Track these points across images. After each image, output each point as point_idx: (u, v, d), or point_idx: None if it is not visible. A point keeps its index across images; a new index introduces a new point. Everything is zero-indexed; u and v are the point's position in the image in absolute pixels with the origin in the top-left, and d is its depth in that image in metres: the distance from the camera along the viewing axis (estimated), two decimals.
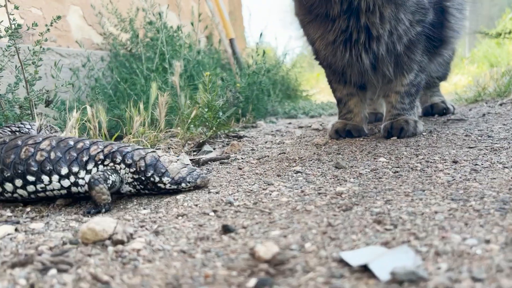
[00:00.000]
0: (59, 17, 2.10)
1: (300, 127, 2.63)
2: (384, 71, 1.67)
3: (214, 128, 2.17)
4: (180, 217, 0.94)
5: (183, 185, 1.12)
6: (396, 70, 1.68)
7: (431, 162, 1.17)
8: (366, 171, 1.18)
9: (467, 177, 0.98)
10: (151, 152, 1.15)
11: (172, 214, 0.96)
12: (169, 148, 1.82)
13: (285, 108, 4.21)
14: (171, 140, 1.91)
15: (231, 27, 4.99)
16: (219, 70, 3.38)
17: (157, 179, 1.10)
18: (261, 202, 0.98)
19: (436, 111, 2.28)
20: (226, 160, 1.59)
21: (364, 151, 1.50)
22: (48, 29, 2.33)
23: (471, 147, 1.32)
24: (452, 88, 4.44)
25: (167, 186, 1.11)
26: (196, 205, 1.01)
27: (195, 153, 1.79)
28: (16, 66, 1.90)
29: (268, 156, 1.59)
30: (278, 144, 1.90)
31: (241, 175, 1.32)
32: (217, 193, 1.11)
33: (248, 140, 2.10)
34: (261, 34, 3.48)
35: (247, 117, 2.87)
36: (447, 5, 1.70)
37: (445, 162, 1.15)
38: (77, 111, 1.56)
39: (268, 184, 1.14)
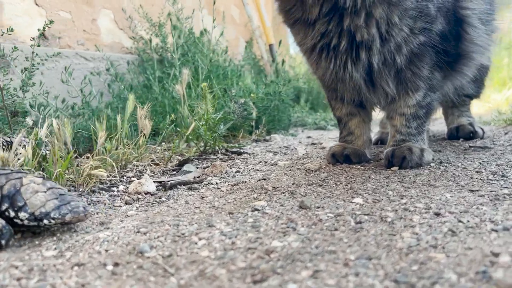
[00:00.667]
0: (51, 22, 2.04)
1: (313, 144, 2.42)
2: (383, 87, 1.44)
3: (209, 143, 2.02)
4: (76, 268, 0.78)
5: (46, 221, 0.92)
6: (399, 87, 1.44)
7: (409, 211, 0.94)
8: (328, 216, 0.97)
9: (435, 243, 0.75)
10: (16, 179, 0.96)
11: (73, 261, 0.81)
12: (149, 165, 1.69)
13: (316, 118, 3.98)
14: (154, 156, 1.77)
15: (271, 33, 4.83)
16: (250, 77, 3.22)
17: (12, 214, 0.92)
18: (177, 255, 0.81)
19: (461, 134, 1.98)
20: (197, 185, 1.42)
21: (349, 184, 1.28)
22: (42, 34, 2.27)
23: (473, 191, 1.07)
24: (501, 105, 4.01)
25: (25, 223, 0.92)
26: (107, 250, 0.85)
27: (174, 172, 1.64)
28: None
29: (244, 183, 1.41)
30: (270, 166, 1.71)
31: (195, 207, 1.14)
32: (144, 233, 0.94)
33: (243, 159, 1.92)
34: None
35: (259, 130, 2.69)
36: (465, 15, 1.43)
37: (425, 213, 0.92)
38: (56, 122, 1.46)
39: (209, 226, 0.96)
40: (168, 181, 1.43)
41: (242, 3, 4.52)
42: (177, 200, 1.25)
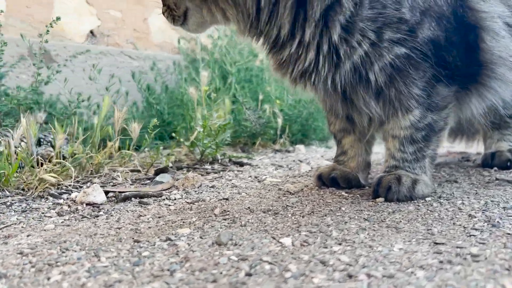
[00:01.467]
0: (58, 18, 2.03)
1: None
2: (362, 108, 1.20)
3: (208, 152, 1.88)
4: None
5: None
6: (386, 108, 1.19)
7: (321, 266, 0.72)
8: (230, 259, 0.78)
9: None
10: None
11: None
12: (127, 172, 1.59)
13: None
14: (138, 162, 1.67)
15: None
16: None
17: None
18: None
19: (497, 162, 1.63)
20: (153, 199, 1.29)
21: (309, 215, 1.06)
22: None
23: (436, 243, 0.81)
24: None
25: None
26: None
27: (148, 181, 1.52)
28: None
29: (203, 201, 1.25)
30: (254, 182, 1.53)
31: (116, 228, 1.01)
32: (23, 256, 0.83)
33: (238, 171, 1.76)
34: None
35: (283, 140, 2.51)
36: (479, 18, 1.14)
37: (338, 272, 0.69)
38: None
39: (95, 255, 0.83)
40: (121, 192, 1.32)
41: None
42: (111, 216, 1.13)
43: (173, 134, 2.26)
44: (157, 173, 1.57)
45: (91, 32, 2.84)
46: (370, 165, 1.44)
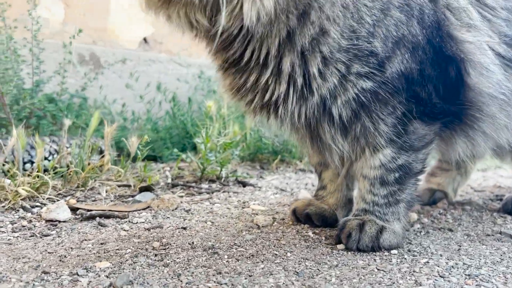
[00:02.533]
0: (80, 31, 2.10)
1: None
2: (328, 143, 1.06)
3: (208, 170, 1.84)
4: None
5: None
6: (353, 144, 1.05)
7: None
8: None
9: None
10: None
11: None
12: (114, 188, 1.59)
13: None
14: (131, 177, 1.67)
15: None
16: None
17: None
18: None
19: None
20: (116, 220, 1.27)
21: (249, 258, 0.97)
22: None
23: None
24: None
25: None
26: None
27: (131, 198, 1.51)
28: None
29: (160, 229, 1.20)
30: (237, 209, 1.45)
31: (40, 253, 1.00)
32: None
33: (234, 193, 1.69)
34: None
35: (306, 159, 2.38)
36: (464, 49, 0.96)
37: None
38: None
39: None
40: (89, 210, 1.31)
41: None
42: (59, 237, 1.12)
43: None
44: (141, 190, 1.55)
45: (144, 39, 2.92)
46: (352, 201, 1.29)
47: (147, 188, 1.56)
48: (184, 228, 1.21)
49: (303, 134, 1.10)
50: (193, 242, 1.09)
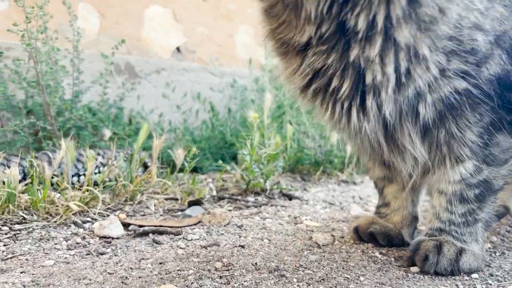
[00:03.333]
0: (123, 41, 2.08)
1: None
2: (406, 147, 0.98)
3: (253, 182, 1.78)
4: None
5: None
6: (433, 152, 0.97)
7: None
8: None
9: None
10: None
11: None
12: (161, 201, 1.55)
13: None
14: (179, 190, 1.63)
15: None
16: None
17: None
18: None
19: None
20: (170, 237, 1.23)
21: (310, 286, 0.91)
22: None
23: None
24: None
25: None
26: None
27: (180, 213, 1.47)
28: None
29: (217, 247, 1.16)
30: (289, 225, 1.39)
31: (100, 274, 0.96)
32: None
33: (282, 207, 1.63)
34: None
35: (349, 169, 2.31)
36: None
37: None
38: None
39: None
40: (141, 226, 1.27)
41: None
42: (116, 255, 1.08)
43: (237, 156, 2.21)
44: (190, 204, 1.51)
45: (177, 48, 2.91)
46: (418, 218, 1.21)
47: (196, 202, 1.51)
48: (242, 247, 1.16)
49: (376, 136, 0.99)
50: (256, 263, 1.03)
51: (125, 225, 1.29)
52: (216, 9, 2.96)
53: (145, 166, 1.83)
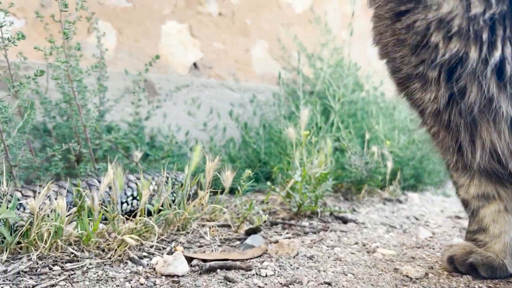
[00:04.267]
0: (157, 57, 1.96)
1: (457, 217, 1.82)
2: None
3: (306, 204, 1.66)
4: None
5: None
6: None
7: None
8: None
9: None
10: None
11: None
12: (215, 228, 1.42)
13: None
14: (229, 216, 1.50)
15: None
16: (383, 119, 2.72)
17: None
18: None
19: None
20: (241, 273, 1.09)
21: None
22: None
23: None
24: None
25: None
26: None
27: (238, 242, 1.33)
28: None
29: (299, 284, 1.02)
30: (363, 253, 1.26)
31: None
32: None
33: (342, 231, 1.51)
34: None
35: (393, 187, 2.19)
36: None
37: None
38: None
39: None
40: (205, 260, 1.14)
41: None
42: None
43: (271, 175, 2.09)
44: (249, 233, 1.38)
45: (194, 64, 2.82)
46: None
47: (254, 230, 1.38)
48: (329, 284, 1.02)
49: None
50: None
51: (187, 259, 1.15)
52: (232, 24, 2.88)
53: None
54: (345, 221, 1.66)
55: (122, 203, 1.46)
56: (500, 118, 0.86)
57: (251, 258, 1.21)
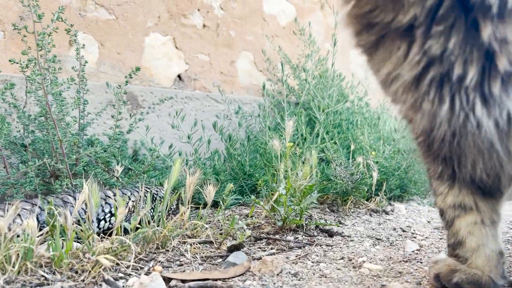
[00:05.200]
0: (138, 69, 1.92)
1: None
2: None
3: (291, 218, 1.61)
4: None
5: None
6: None
7: None
8: None
9: None
10: None
11: None
12: (195, 245, 1.37)
13: None
14: (210, 232, 1.45)
15: None
16: (367, 129, 2.70)
17: None
18: None
19: None
20: None
21: None
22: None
23: None
24: None
25: None
26: None
27: (220, 260, 1.29)
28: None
29: None
30: (349, 269, 1.22)
31: None
32: None
33: (327, 245, 1.47)
34: None
35: (379, 197, 2.16)
36: None
37: None
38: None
39: None
40: (185, 281, 1.08)
41: None
42: None
43: (257, 188, 2.04)
44: (231, 250, 1.33)
45: (179, 76, 2.78)
46: (503, 252, 1.06)
47: (237, 247, 1.33)
48: None
49: (492, 132, 0.83)
50: None
51: (165, 280, 1.10)
52: (216, 36, 2.86)
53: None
54: (330, 234, 1.62)
55: (99, 220, 1.40)
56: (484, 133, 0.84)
57: (233, 277, 1.16)
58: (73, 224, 1.23)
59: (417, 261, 1.30)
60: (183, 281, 1.10)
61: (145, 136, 2.33)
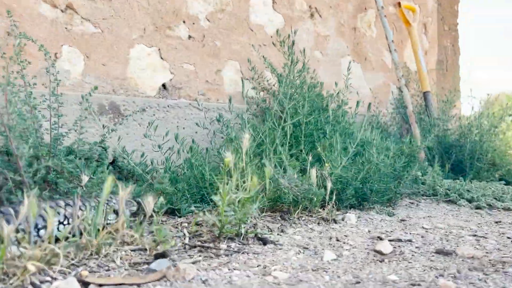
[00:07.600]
0: (96, 88, 2.08)
1: (379, 238, 1.90)
2: None
3: (229, 227, 1.75)
4: None
5: None
6: None
7: None
8: None
9: None
10: None
11: None
12: (128, 253, 1.52)
13: (452, 187, 3.26)
14: (147, 241, 1.60)
15: (427, 80, 4.39)
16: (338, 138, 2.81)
17: None
18: None
19: None
20: None
21: None
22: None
23: None
24: None
25: None
26: None
27: (145, 266, 1.43)
28: None
29: None
30: (258, 276, 1.35)
31: None
32: None
33: (254, 254, 1.60)
34: None
35: (330, 207, 2.27)
36: None
37: None
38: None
39: None
40: (101, 285, 1.24)
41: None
42: None
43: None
44: (157, 257, 1.47)
45: (163, 85, 2.94)
46: None
47: (162, 255, 1.48)
48: None
49: None
50: None
51: (85, 284, 1.26)
52: (202, 46, 3.00)
53: (117, 214, 1.80)
54: (265, 242, 1.75)
55: (39, 229, 1.56)
56: None
57: (148, 282, 1.31)
58: (18, 232, 1.40)
59: (323, 270, 1.42)
60: (100, 285, 1.25)
61: (127, 143, 2.51)
